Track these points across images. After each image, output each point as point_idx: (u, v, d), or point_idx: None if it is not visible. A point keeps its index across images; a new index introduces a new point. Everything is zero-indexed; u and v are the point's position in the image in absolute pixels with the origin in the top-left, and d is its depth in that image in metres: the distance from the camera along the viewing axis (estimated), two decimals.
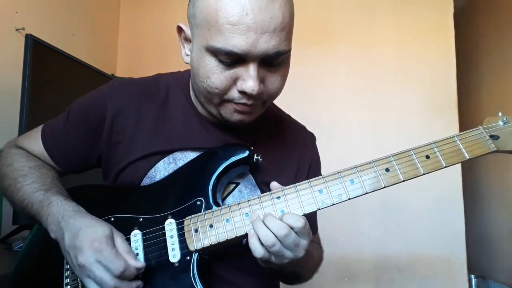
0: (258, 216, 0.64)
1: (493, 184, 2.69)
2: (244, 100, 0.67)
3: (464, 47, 2.60)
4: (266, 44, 0.62)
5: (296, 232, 0.61)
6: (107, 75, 1.87)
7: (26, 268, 0.81)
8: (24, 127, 1.30)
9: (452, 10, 2.12)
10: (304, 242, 0.63)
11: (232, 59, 0.64)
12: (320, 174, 0.90)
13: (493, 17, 2.71)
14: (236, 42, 0.61)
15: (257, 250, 0.62)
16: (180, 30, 0.74)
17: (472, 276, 2.55)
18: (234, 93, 0.67)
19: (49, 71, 1.47)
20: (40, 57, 1.40)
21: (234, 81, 0.66)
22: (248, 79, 0.64)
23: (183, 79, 0.84)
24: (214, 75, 0.65)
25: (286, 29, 0.65)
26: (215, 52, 0.64)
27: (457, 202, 2.01)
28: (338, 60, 2.19)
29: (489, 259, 2.69)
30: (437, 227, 2.01)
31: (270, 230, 0.61)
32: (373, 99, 2.14)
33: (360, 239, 2.06)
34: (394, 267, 2.03)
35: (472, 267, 2.32)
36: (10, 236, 1.39)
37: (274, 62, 0.66)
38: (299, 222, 0.61)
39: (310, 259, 0.81)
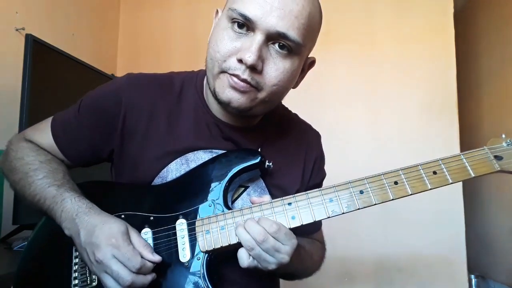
0: (241, 223, 0.66)
1: (493, 184, 2.69)
2: (238, 72, 0.67)
3: (464, 47, 2.60)
4: (277, 19, 0.65)
5: (274, 238, 0.63)
6: (107, 75, 1.87)
7: (31, 264, 0.80)
8: (24, 127, 1.29)
9: (452, 10, 2.12)
10: (286, 248, 0.64)
11: (242, 24, 0.67)
12: (324, 170, 0.94)
13: (493, 17, 2.71)
14: (251, 7, 0.66)
15: (242, 259, 0.65)
16: (216, 13, 0.78)
17: (472, 276, 2.54)
18: (232, 62, 0.68)
19: (49, 71, 1.47)
20: (40, 57, 1.40)
21: (237, 52, 0.68)
22: (249, 48, 0.66)
23: (197, 78, 0.85)
24: (223, 41, 0.69)
25: (303, 20, 0.67)
26: (231, 16, 0.68)
27: (457, 202, 2.01)
28: (338, 60, 2.19)
29: (489, 259, 2.69)
30: (437, 227, 2.00)
31: (250, 235, 0.63)
32: (373, 99, 2.14)
33: (360, 239, 2.06)
34: (394, 267, 2.02)
35: (472, 267, 2.32)
36: (10, 236, 1.38)
37: (279, 45, 0.68)
38: (272, 228, 0.63)
39: (308, 259, 0.82)
